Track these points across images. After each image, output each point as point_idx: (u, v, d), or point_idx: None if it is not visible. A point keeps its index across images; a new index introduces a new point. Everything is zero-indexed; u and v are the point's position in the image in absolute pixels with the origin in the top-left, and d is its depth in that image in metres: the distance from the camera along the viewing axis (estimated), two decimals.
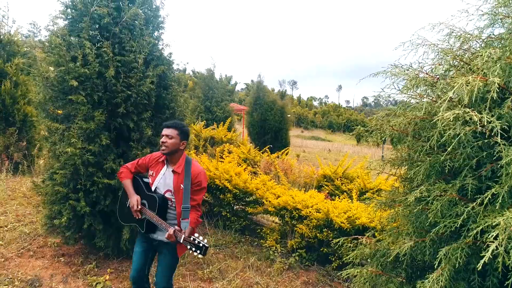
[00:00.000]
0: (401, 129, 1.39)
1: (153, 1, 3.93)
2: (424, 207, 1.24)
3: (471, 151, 1.10)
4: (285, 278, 3.85)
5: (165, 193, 2.42)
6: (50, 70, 3.33)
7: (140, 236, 2.56)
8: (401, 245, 1.36)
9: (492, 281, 1.05)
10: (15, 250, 3.66)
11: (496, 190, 0.98)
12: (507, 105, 1.03)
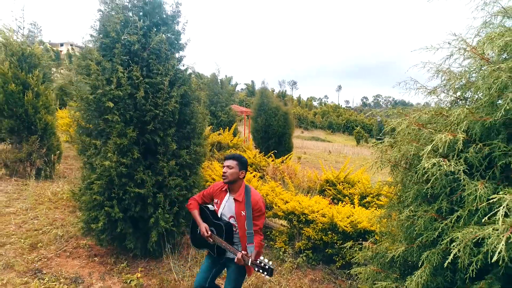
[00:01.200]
0: (396, 160, 1.83)
1: (175, 27, 4.36)
2: (412, 221, 1.68)
3: (446, 183, 1.53)
4: (294, 277, 4.29)
5: (229, 218, 2.73)
6: (88, 92, 3.75)
7: (207, 255, 2.91)
8: (395, 249, 1.80)
9: (459, 276, 1.48)
10: (53, 251, 4.09)
11: (460, 213, 1.40)
12: (470, 151, 1.47)
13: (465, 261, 1.31)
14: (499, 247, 1.11)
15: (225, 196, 2.77)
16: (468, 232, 1.28)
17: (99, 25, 4.10)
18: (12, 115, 6.79)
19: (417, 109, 1.92)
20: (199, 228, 2.74)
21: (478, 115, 1.54)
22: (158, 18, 4.25)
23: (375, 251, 2.07)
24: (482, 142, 1.52)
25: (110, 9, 4.13)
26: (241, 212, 2.64)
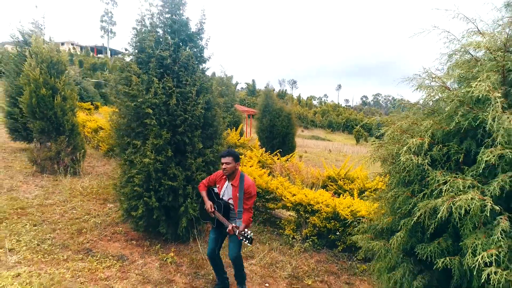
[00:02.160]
0: (384, 157, 2.52)
1: (199, 42, 5.05)
2: (395, 199, 2.36)
3: (417, 172, 2.21)
4: (302, 258, 4.98)
5: (228, 200, 3.55)
6: (130, 100, 4.44)
7: (213, 228, 3.67)
8: (383, 221, 2.49)
9: (426, 236, 2.16)
10: (96, 236, 4.78)
11: (425, 192, 2.08)
12: (434, 149, 2.14)
13: (426, 222, 2.00)
14: (442, 209, 1.79)
15: (225, 183, 3.60)
16: (427, 203, 1.96)
17: (135, 41, 4.79)
18: (43, 117, 7.46)
19: (400, 118, 2.62)
20: (205, 205, 3.49)
21: (440, 125, 2.22)
22: (185, 35, 4.93)
23: (369, 224, 2.77)
24: (442, 144, 2.20)
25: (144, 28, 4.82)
26: (236, 195, 3.44)
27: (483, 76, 2.04)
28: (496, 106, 1.81)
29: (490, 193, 1.82)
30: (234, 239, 3.52)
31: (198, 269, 4.24)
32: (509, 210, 1.85)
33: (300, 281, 4.33)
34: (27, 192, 6.21)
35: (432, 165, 2.18)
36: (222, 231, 3.63)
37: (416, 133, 2.30)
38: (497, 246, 1.73)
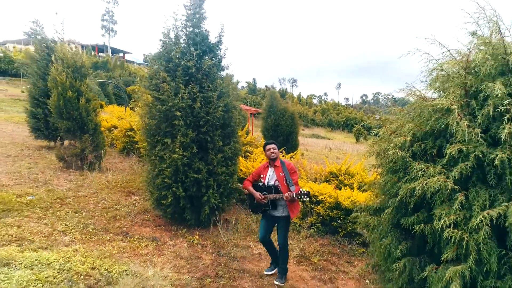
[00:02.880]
0: (378, 152, 3.22)
1: (218, 53, 5.74)
2: (385, 184, 3.06)
3: (402, 163, 2.91)
4: (308, 242, 5.69)
5: (274, 182, 4.21)
6: (160, 104, 5.13)
7: (263, 216, 4.34)
8: (376, 202, 3.19)
9: (408, 211, 2.86)
10: (129, 222, 5.49)
11: (407, 178, 2.78)
12: (414, 146, 2.84)
13: (408, 200, 2.70)
14: (418, 189, 2.50)
15: (268, 170, 4.30)
16: (408, 185, 2.66)
17: (163, 52, 5.49)
18: (69, 117, 8.15)
19: (391, 121, 3.32)
20: (255, 197, 4.15)
21: (420, 127, 2.93)
22: (206, 47, 5.63)
23: (366, 205, 3.48)
24: (421, 141, 2.90)
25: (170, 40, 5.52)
26: (279, 174, 4.13)
27: (450, 90, 2.75)
28: (456, 115, 2.51)
29: (452, 177, 2.53)
30: (282, 226, 4.20)
31: (220, 249, 4.95)
32: (466, 189, 2.55)
33: (307, 260, 5.04)
34: (60, 185, 6.91)
35: (413, 158, 2.89)
36: (273, 217, 4.26)
37: (402, 133, 3.01)
38: (455, 214, 2.44)
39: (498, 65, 2.66)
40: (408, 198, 2.77)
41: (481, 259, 2.39)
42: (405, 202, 2.86)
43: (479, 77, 2.71)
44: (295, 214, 4.22)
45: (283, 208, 4.16)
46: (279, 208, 4.19)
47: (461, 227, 2.45)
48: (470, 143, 2.52)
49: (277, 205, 4.17)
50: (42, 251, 3.83)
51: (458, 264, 2.43)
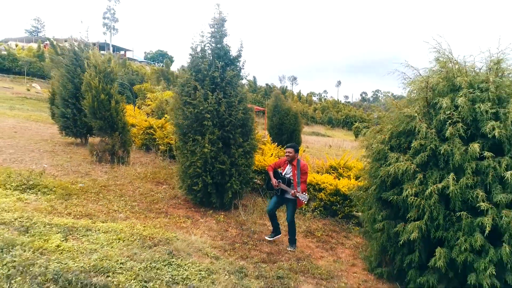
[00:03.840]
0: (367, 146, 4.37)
1: (238, 64, 6.89)
2: (370, 169, 4.21)
3: (383, 153, 4.04)
4: (312, 221, 6.86)
5: (290, 176, 5.33)
6: (191, 107, 6.27)
7: (275, 195, 5.50)
8: (365, 183, 4.37)
9: (387, 187, 4.00)
10: (164, 205, 6.65)
11: (386, 164, 3.92)
12: (392, 141, 3.98)
13: (386, 180, 3.86)
14: (391, 171, 3.66)
15: (287, 166, 5.38)
16: (385, 169, 3.82)
17: (192, 64, 6.63)
18: (102, 117, 9.29)
19: (377, 122, 4.49)
20: (271, 181, 5.32)
21: (397, 128, 4.09)
22: (228, 60, 6.78)
23: (358, 185, 4.66)
24: (397, 138, 4.06)
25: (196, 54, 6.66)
26: (295, 172, 5.22)
27: (416, 102, 3.92)
28: (417, 120, 3.68)
29: (416, 162, 3.69)
30: (290, 207, 5.36)
31: (242, 225, 6.12)
32: (425, 171, 3.72)
33: (312, 234, 6.23)
34: (99, 176, 8.06)
35: (390, 150, 4.06)
36: (283, 198, 5.42)
37: (383, 132, 4.18)
38: (416, 187, 3.61)
39: (448, 85, 3.83)
40: (387, 178, 3.95)
41: (433, 217, 3.57)
42: (385, 181, 4.04)
43: (436, 93, 3.88)
44: (299, 204, 5.38)
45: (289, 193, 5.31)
46: (287, 193, 5.34)
47: (420, 196, 3.63)
48: (428, 139, 3.70)
49: (284, 193, 5.33)
50: (110, 223, 5.00)
51: (415, 222, 3.61)
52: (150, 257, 3.92)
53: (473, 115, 3.56)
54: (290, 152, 5.34)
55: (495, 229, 3.32)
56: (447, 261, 3.53)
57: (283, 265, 4.60)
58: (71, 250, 3.72)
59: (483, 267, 3.33)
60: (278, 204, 5.57)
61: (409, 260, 3.93)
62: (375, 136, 4.19)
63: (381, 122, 4.64)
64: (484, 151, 3.41)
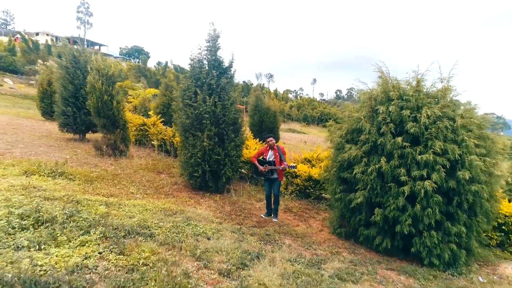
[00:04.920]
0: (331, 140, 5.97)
1: (229, 73, 8.34)
2: (332, 156, 5.80)
3: (341, 145, 5.62)
4: (290, 202, 8.46)
5: (273, 159, 6.87)
6: (192, 108, 7.69)
7: (266, 180, 7.01)
8: (329, 166, 5.98)
9: (344, 169, 5.60)
10: (169, 189, 8.03)
11: (342, 152, 5.50)
12: (348, 136, 5.58)
13: (343, 163, 5.47)
14: (345, 157, 5.27)
15: (269, 151, 6.93)
16: (342, 156, 5.43)
17: (193, 73, 8.04)
18: (105, 116, 10.49)
19: (340, 122, 6.11)
20: (259, 168, 6.86)
21: (351, 126, 5.70)
22: (221, 69, 8.22)
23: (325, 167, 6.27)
24: (351, 133, 5.67)
25: (195, 64, 8.08)
26: (276, 154, 6.80)
27: (364, 108, 5.56)
28: (363, 121, 5.31)
29: (363, 151, 5.32)
30: (277, 184, 6.90)
31: (234, 204, 7.62)
32: (369, 156, 5.35)
33: (290, 211, 7.82)
34: (107, 167, 9.31)
35: (346, 142, 5.68)
36: (271, 179, 6.95)
37: (342, 129, 5.79)
38: (362, 167, 5.24)
39: (385, 97, 5.48)
40: (343, 162, 5.57)
41: (373, 188, 5.21)
42: (342, 164, 5.67)
43: (377, 102, 5.53)
44: (281, 178, 6.95)
45: (276, 174, 6.88)
46: (274, 174, 6.90)
47: (365, 173, 5.27)
48: (370, 135, 5.34)
49: (273, 172, 6.88)
50: (133, 200, 6.37)
51: (361, 191, 5.24)
52: (173, 221, 5.36)
53: (400, 118, 5.22)
54: (272, 140, 6.90)
55: (412, 194, 5.00)
56: (382, 217, 5.19)
57: (269, 229, 6.14)
58: (117, 215, 5.10)
59: (404, 219, 5.01)
60: (271, 186, 7.10)
61: (359, 219, 5.58)
62: (336, 132, 5.81)
63: (341, 122, 6.28)
64: (406, 142, 5.08)
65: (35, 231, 3.76)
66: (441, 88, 5.53)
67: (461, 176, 4.80)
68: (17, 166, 7.44)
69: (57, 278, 2.76)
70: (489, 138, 5.27)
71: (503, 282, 5.21)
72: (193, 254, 4.11)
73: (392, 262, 5.41)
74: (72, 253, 3.41)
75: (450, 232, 4.99)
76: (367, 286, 4.27)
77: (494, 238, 6.90)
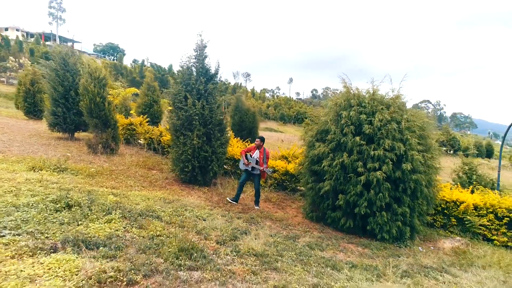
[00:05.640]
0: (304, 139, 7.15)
1: (216, 79, 9.38)
2: (305, 152, 6.98)
3: (312, 143, 6.82)
4: (270, 193, 9.61)
5: (257, 158, 7.96)
6: (183, 111, 8.68)
7: (244, 172, 8.10)
8: (302, 161, 7.16)
9: (315, 162, 6.78)
10: (162, 183, 8.99)
11: (313, 149, 6.69)
12: (317, 135, 6.77)
13: (314, 158, 6.65)
14: (315, 153, 6.46)
15: (256, 151, 8.03)
16: (312, 152, 6.61)
17: (183, 79, 9.03)
18: (97, 116, 11.27)
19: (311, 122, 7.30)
20: (244, 161, 7.96)
21: (321, 127, 6.90)
22: (208, 76, 9.25)
23: (299, 162, 7.44)
24: (320, 133, 6.86)
25: (185, 71, 9.08)
26: (261, 156, 7.91)
27: (331, 112, 6.78)
28: (330, 124, 6.52)
29: (329, 148, 6.53)
30: (257, 179, 7.96)
31: (220, 195, 8.67)
32: (334, 152, 6.56)
33: (270, 200, 8.97)
34: (101, 164, 10.12)
35: (316, 140, 6.88)
36: (251, 174, 8.02)
37: (312, 130, 6.99)
38: (328, 161, 6.45)
39: (347, 104, 6.71)
40: (314, 157, 6.77)
41: (337, 178, 6.44)
42: (313, 159, 6.87)
43: (341, 107, 6.75)
44: (264, 177, 8.08)
45: (257, 170, 7.99)
46: (255, 170, 8.02)
47: (331, 166, 6.48)
48: (335, 135, 6.55)
49: (254, 169, 8.00)
50: (134, 191, 7.31)
51: (328, 181, 6.46)
52: (172, 207, 6.38)
53: (359, 121, 6.46)
54: (259, 141, 7.99)
55: (367, 183, 6.25)
56: (345, 202, 6.42)
57: (252, 214, 7.26)
58: (126, 202, 6.06)
59: (361, 203, 6.26)
60: (247, 178, 8.21)
61: (327, 204, 6.79)
62: (308, 132, 7.00)
63: (314, 124, 7.47)
64: (363, 141, 6.33)
65: (69, 212, 4.71)
66: (392, 96, 6.82)
67: (405, 167, 6.10)
68: (22, 163, 8.21)
69: (103, 240, 3.76)
70: (428, 137, 6.62)
71: (438, 251, 6.57)
72: (194, 230, 5.17)
73: (353, 238, 6.66)
74: (103, 227, 4.40)
75: (397, 212, 6.29)
76: (331, 253, 5.47)
77: (439, 221, 8.33)
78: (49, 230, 3.95)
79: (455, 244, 7.09)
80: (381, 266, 4.98)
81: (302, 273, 4.19)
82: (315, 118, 7.70)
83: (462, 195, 8.16)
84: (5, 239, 3.53)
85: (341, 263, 4.90)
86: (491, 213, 7.93)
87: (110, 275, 3.03)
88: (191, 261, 3.79)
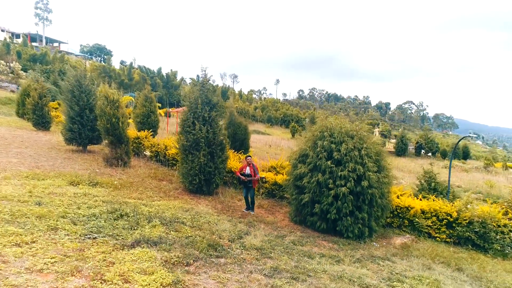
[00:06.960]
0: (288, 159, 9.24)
1: (218, 107, 11.41)
2: (290, 171, 9.07)
3: (294, 164, 8.91)
4: (262, 201, 11.70)
5: (250, 173, 10.03)
6: (192, 134, 10.68)
7: (244, 187, 10.16)
8: (289, 172, 9.28)
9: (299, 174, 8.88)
10: (174, 194, 10.95)
11: (297, 168, 8.75)
12: (299, 158, 8.86)
13: (297, 175, 8.75)
14: (297, 172, 8.56)
15: (247, 167, 10.13)
16: (296, 171, 8.69)
17: (191, 109, 11.03)
18: (113, 134, 13.13)
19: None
20: (241, 179, 10.04)
21: (301, 152, 9.00)
22: (211, 105, 11.28)
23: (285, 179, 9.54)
24: (301, 156, 8.97)
25: (192, 102, 11.10)
26: (251, 170, 10.02)
27: (310, 141, 8.92)
28: (309, 149, 8.65)
29: (308, 168, 8.65)
30: (252, 191, 10.03)
31: (223, 203, 10.71)
32: (312, 172, 8.69)
33: (262, 207, 11.07)
34: (119, 176, 12.01)
35: (299, 162, 9.00)
36: (248, 187, 10.07)
37: (295, 153, 9.10)
38: (307, 178, 8.57)
39: (322, 135, 8.89)
40: (297, 175, 8.91)
41: (314, 191, 8.64)
42: (296, 177, 9.01)
43: (317, 137, 8.92)
44: (255, 185, 10.17)
45: (251, 183, 10.08)
46: (250, 183, 10.09)
47: (309, 183, 8.64)
48: (312, 159, 8.73)
49: (250, 182, 10.07)
50: (156, 202, 9.28)
51: (308, 193, 8.62)
52: (190, 214, 8.40)
53: (330, 149, 8.61)
54: (250, 159, 10.07)
55: (336, 195, 8.40)
56: (320, 210, 8.56)
57: (249, 218, 9.33)
58: (157, 212, 8.04)
59: (332, 210, 8.41)
60: (247, 192, 10.28)
61: (306, 211, 8.92)
62: (292, 156, 9.11)
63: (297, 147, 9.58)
64: (333, 164, 8.47)
65: (123, 220, 6.68)
66: (356, 128, 9.01)
67: (364, 184, 8.27)
68: (60, 178, 10.07)
69: (157, 240, 5.78)
70: (382, 160, 8.83)
71: (389, 246, 8.80)
72: (210, 232, 7.22)
73: (326, 236, 8.82)
74: (153, 230, 6.41)
75: (358, 217, 8.47)
76: (308, 247, 7.60)
77: (395, 222, 10.59)
78: (121, 233, 5.94)
79: (404, 241, 9.34)
80: (342, 256, 7.14)
81: (287, 260, 6.31)
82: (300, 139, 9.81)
83: (413, 202, 10.45)
84: (98, 240, 5.51)
85: (314, 254, 7.04)
86: (434, 216, 10.23)
87: (175, 260, 5.07)
88: (217, 252, 5.87)
